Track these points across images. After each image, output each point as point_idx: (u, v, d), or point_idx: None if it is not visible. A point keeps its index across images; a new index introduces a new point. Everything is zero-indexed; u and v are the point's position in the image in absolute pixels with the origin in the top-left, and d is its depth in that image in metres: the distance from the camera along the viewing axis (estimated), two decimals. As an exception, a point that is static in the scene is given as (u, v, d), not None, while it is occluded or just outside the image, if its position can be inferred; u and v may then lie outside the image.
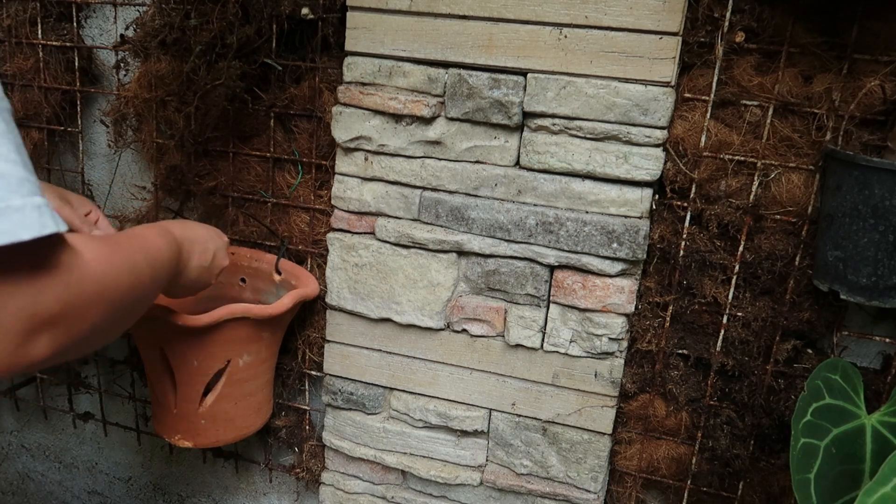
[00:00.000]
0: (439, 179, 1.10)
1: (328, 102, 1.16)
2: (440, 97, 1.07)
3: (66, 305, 0.55)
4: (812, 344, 1.07)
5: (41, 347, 0.54)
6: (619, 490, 1.22)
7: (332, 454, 1.33)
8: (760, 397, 1.07)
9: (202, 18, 1.11)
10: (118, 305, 0.63)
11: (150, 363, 1.14)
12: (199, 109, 1.17)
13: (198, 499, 1.58)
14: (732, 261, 1.05)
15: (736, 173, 1.03)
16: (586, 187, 1.05)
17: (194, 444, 1.15)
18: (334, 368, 1.26)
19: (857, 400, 0.95)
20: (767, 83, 0.98)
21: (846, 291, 0.91)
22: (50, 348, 0.55)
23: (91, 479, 1.67)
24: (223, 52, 1.12)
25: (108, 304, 0.61)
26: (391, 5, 1.05)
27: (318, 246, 1.24)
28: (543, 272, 1.09)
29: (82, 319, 0.57)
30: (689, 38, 0.99)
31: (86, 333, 0.58)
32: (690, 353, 1.10)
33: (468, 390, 1.19)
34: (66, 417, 1.62)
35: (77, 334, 0.57)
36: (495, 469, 1.22)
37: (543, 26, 1.00)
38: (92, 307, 0.58)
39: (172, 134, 1.23)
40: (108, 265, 0.61)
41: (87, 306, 0.58)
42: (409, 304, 1.16)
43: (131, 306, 0.68)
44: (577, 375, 1.13)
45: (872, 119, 0.96)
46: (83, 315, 0.57)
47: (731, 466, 1.12)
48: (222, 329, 1.05)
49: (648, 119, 0.99)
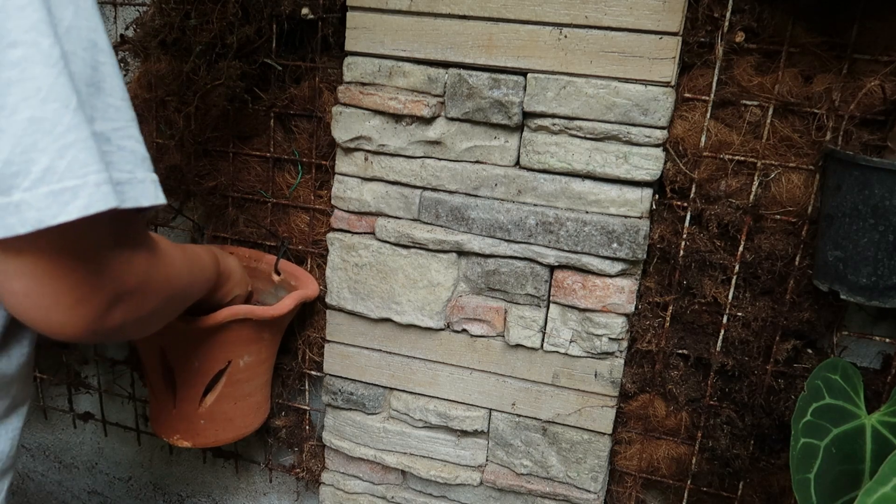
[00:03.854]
0: (439, 179, 1.10)
1: (328, 102, 1.16)
2: (440, 97, 1.07)
3: (142, 283, 0.64)
4: (812, 344, 1.07)
5: (116, 317, 0.62)
6: (619, 490, 1.22)
7: (332, 454, 1.33)
8: (760, 397, 1.07)
9: (202, 18, 1.11)
10: (173, 297, 0.74)
11: (151, 363, 1.14)
12: (199, 109, 1.17)
13: (198, 499, 1.58)
14: (732, 261, 1.05)
15: (736, 173, 1.03)
16: (586, 187, 1.05)
17: (193, 444, 1.15)
18: (334, 368, 1.26)
19: (857, 400, 0.96)
20: (767, 83, 0.98)
21: (846, 291, 0.91)
22: (122, 319, 0.63)
23: (91, 479, 1.67)
24: (223, 52, 1.12)
25: (169, 291, 0.71)
26: (391, 5, 1.05)
27: (317, 246, 1.24)
28: (543, 272, 1.09)
29: (149, 299, 0.67)
30: (689, 38, 0.99)
31: (147, 313, 0.67)
32: (690, 353, 1.10)
33: (468, 390, 1.19)
34: (66, 417, 1.62)
35: (143, 311, 0.66)
36: (495, 469, 1.22)
37: (543, 26, 1.00)
38: (159, 290, 0.68)
39: (172, 134, 1.23)
40: (175, 259, 0.72)
41: (155, 289, 0.67)
42: (409, 304, 1.16)
43: (179, 302, 0.79)
44: (577, 375, 1.13)
45: (872, 119, 0.96)
46: (152, 295, 0.67)
47: (731, 466, 1.12)
48: (224, 330, 1.05)
49: (648, 119, 0.99)
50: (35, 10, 0.51)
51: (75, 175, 0.52)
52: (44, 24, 0.52)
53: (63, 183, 0.51)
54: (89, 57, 0.56)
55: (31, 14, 0.51)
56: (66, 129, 0.52)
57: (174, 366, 1.10)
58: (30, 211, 0.51)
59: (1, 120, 0.50)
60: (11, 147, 0.50)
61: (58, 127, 0.52)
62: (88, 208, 0.52)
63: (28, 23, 0.51)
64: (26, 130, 0.51)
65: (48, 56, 0.52)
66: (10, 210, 0.51)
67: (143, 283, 0.65)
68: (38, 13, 0.52)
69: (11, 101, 0.51)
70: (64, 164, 0.52)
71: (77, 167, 0.52)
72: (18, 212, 0.51)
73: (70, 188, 0.52)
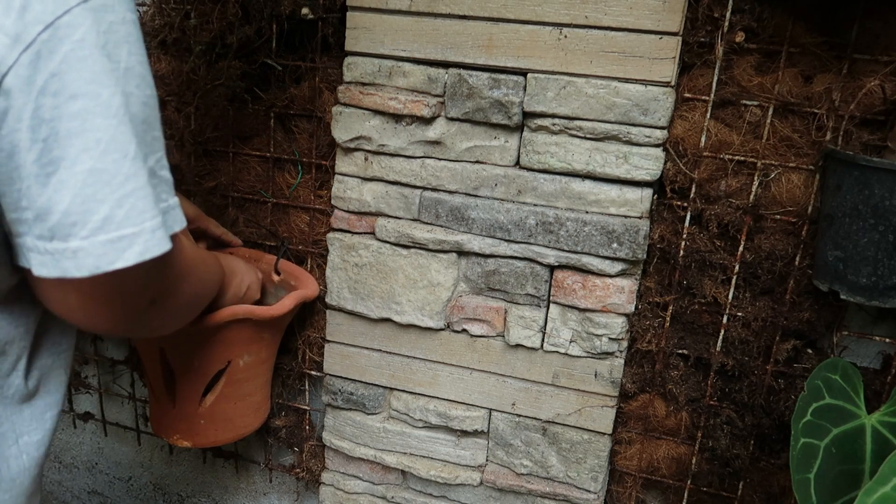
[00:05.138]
0: (439, 179, 1.10)
1: (328, 102, 1.16)
2: (440, 97, 1.07)
3: (172, 285, 0.68)
4: (812, 344, 1.07)
5: (151, 317, 0.67)
6: (619, 490, 1.22)
7: (332, 454, 1.33)
8: (760, 397, 1.07)
9: (202, 18, 1.11)
10: (197, 293, 0.79)
11: (150, 363, 1.14)
12: (199, 109, 1.17)
13: (198, 499, 1.58)
14: (732, 261, 1.05)
15: (736, 173, 1.03)
16: (586, 187, 1.05)
17: (193, 443, 1.15)
18: (334, 368, 1.26)
19: (857, 400, 0.96)
20: (767, 83, 0.98)
21: (846, 291, 0.91)
22: (155, 318, 0.68)
23: (91, 479, 1.67)
24: (223, 52, 1.12)
25: (194, 288, 0.76)
26: (391, 5, 1.05)
27: (318, 246, 1.24)
28: (543, 272, 1.09)
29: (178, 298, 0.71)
30: (689, 38, 0.99)
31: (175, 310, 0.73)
32: (690, 353, 1.10)
33: (468, 390, 1.19)
34: (66, 417, 1.62)
35: (173, 309, 0.72)
36: (495, 469, 1.22)
37: (543, 26, 1.00)
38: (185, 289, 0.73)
39: (172, 134, 1.23)
40: (190, 256, 0.75)
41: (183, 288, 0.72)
42: (409, 304, 1.16)
43: (202, 299, 0.84)
44: (577, 375, 1.13)
45: (872, 119, 0.96)
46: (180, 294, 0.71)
47: (731, 466, 1.12)
48: (224, 330, 1.05)
49: (648, 119, 0.99)
50: (96, 62, 0.53)
51: (133, 223, 0.55)
52: (104, 75, 0.53)
53: (121, 231, 0.54)
54: (142, 94, 0.57)
55: (93, 65, 0.52)
56: (125, 179, 0.54)
57: (174, 366, 1.10)
58: (87, 258, 0.54)
59: (62, 171, 0.52)
60: (72, 198, 0.53)
61: (117, 177, 0.54)
62: (145, 254, 0.55)
63: (89, 74, 0.52)
64: (86, 182, 0.53)
65: (108, 107, 0.53)
66: (67, 255, 0.54)
67: (173, 286, 0.69)
68: (99, 63, 0.53)
69: (72, 153, 0.52)
70: (122, 213, 0.54)
71: (135, 215, 0.55)
72: (75, 258, 0.54)
73: (128, 236, 0.55)
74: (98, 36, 0.53)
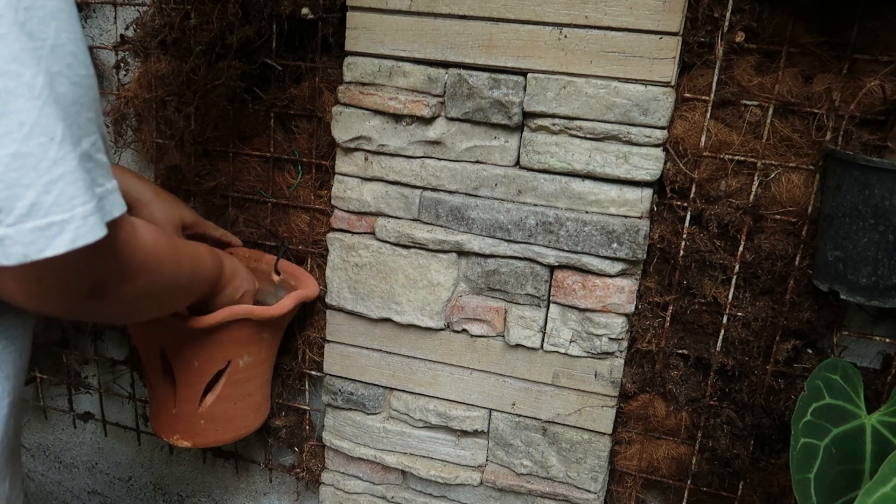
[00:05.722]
0: (439, 179, 1.10)
1: (328, 102, 1.16)
2: (440, 97, 1.07)
3: (119, 272, 0.66)
4: (812, 344, 1.07)
5: (94, 302, 0.65)
6: (619, 490, 1.22)
7: (332, 454, 1.33)
8: (760, 397, 1.07)
9: (202, 18, 1.11)
10: (156, 286, 0.75)
11: (150, 363, 1.14)
12: (199, 109, 1.17)
13: (198, 499, 1.58)
14: (732, 261, 1.05)
15: (736, 173, 1.03)
16: (586, 187, 1.05)
17: (193, 444, 1.15)
18: (334, 368, 1.26)
19: (857, 400, 0.96)
20: (767, 83, 0.98)
21: (846, 291, 0.91)
22: (101, 303, 0.67)
23: (91, 479, 1.67)
24: (223, 52, 1.12)
25: (150, 278, 0.72)
26: (391, 5, 1.05)
27: (317, 246, 1.24)
28: (543, 272, 1.09)
29: (128, 285, 0.69)
30: (689, 38, 0.99)
31: (127, 298, 0.70)
32: (690, 353, 1.10)
33: (468, 390, 1.19)
34: (65, 417, 1.62)
35: (122, 296, 0.69)
36: (495, 469, 1.22)
37: (543, 26, 1.00)
38: (137, 277, 0.70)
39: (172, 134, 1.23)
40: (156, 249, 0.72)
41: (132, 275, 0.69)
42: (409, 304, 1.16)
43: (168, 293, 0.82)
44: (577, 375, 1.13)
45: (872, 119, 0.96)
46: (129, 282, 0.69)
47: (731, 466, 1.12)
48: (224, 330, 1.05)
49: (648, 119, 0.99)
50: (15, 39, 0.50)
51: (63, 209, 0.52)
52: (25, 53, 0.50)
53: (49, 218, 0.51)
54: (72, 73, 0.54)
55: (11, 43, 0.50)
56: (52, 164, 0.51)
57: (174, 366, 1.10)
58: (14, 246, 0.51)
59: None
60: None
61: (43, 162, 0.51)
62: (76, 241, 0.53)
63: (8, 52, 0.49)
64: (10, 167, 0.50)
65: (31, 87, 0.50)
66: None
67: (120, 274, 0.66)
68: (19, 41, 0.50)
69: None
70: (51, 200, 0.51)
71: (64, 201, 0.52)
72: (2, 245, 0.51)
73: (57, 223, 0.52)
74: (17, 13, 0.50)
